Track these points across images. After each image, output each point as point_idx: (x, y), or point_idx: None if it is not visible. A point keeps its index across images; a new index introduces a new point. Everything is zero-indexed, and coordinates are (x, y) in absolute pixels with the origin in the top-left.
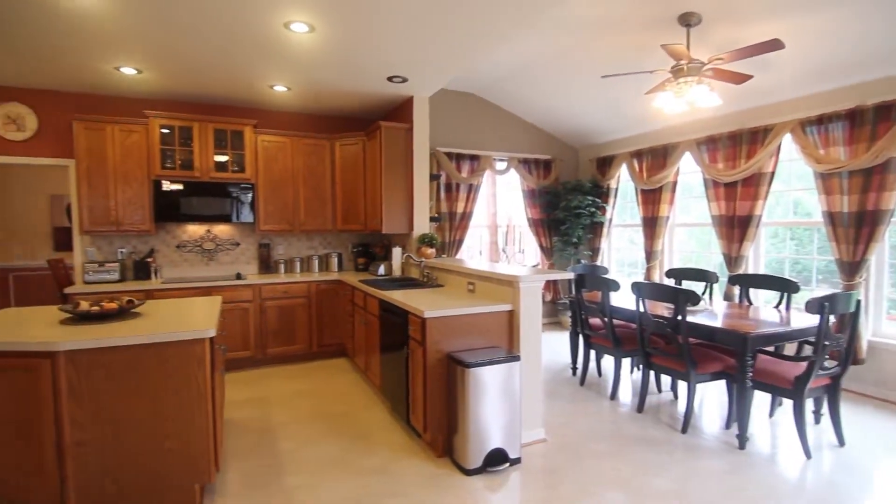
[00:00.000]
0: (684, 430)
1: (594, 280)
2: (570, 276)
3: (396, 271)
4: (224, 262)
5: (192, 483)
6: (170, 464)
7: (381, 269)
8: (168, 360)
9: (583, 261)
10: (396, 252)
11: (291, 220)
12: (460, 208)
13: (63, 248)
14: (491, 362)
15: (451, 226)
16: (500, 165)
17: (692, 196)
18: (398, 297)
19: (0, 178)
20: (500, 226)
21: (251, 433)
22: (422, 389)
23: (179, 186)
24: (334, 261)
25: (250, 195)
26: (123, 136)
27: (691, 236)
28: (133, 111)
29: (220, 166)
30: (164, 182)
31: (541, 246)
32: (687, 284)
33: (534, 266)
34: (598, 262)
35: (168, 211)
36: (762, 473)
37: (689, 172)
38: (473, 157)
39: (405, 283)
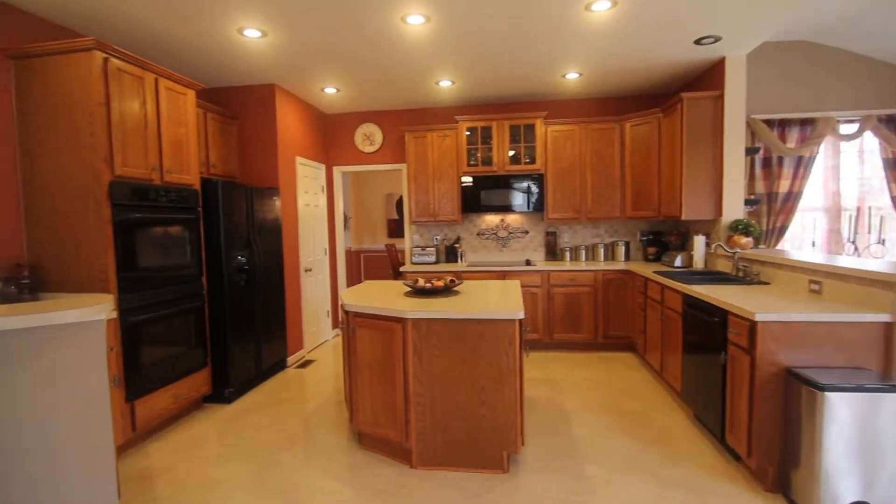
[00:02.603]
0: None
1: None
2: None
3: (698, 263)
4: (515, 249)
5: (500, 450)
6: (483, 429)
7: (679, 261)
8: (485, 335)
9: None
10: (699, 241)
11: (578, 207)
12: (783, 187)
13: (393, 235)
14: (859, 388)
15: (770, 209)
16: (848, 128)
17: None
18: (712, 293)
19: (356, 182)
20: (845, 208)
21: (545, 412)
22: (746, 406)
23: (480, 180)
24: (621, 250)
25: (539, 185)
26: (439, 140)
27: None
28: (445, 118)
29: (514, 159)
30: (467, 177)
31: None
32: None
33: None
34: None
35: (470, 203)
36: None
37: None
38: (805, 122)
39: (712, 276)
